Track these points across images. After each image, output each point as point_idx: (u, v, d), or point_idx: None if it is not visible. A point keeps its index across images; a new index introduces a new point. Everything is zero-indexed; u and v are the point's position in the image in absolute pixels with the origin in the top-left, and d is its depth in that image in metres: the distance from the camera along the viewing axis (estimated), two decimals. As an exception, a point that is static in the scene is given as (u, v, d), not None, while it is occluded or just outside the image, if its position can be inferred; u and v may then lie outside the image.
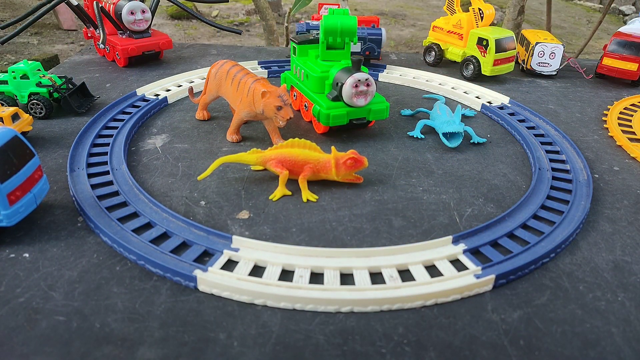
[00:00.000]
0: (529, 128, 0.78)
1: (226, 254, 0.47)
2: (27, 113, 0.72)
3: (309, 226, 0.53)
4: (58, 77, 0.78)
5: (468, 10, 1.01)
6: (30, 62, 0.76)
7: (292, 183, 0.59)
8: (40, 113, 0.75)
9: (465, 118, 0.83)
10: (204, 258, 0.48)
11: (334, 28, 0.70)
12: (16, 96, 0.75)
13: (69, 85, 0.79)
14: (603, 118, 0.84)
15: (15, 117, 0.65)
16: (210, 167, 0.58)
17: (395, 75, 1.00)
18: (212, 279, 0.43)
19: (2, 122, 0.63)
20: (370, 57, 1.01)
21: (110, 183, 0.58)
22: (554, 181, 0.62)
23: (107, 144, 0.67)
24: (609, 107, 0.88)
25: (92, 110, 0.78)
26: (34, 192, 0.50)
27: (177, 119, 0.78)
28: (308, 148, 0.59)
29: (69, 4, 0.95)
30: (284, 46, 1.73)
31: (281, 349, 0.38)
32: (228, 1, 1.18)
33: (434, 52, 1.08)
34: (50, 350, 0.37)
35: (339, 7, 0.74)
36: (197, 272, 0.44)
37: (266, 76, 0.99)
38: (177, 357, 0.37)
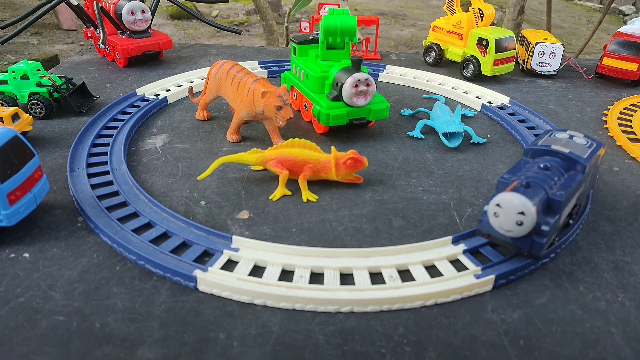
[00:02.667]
0: (529, 128, 0.78)
1: (226, 254, 0.47)
2: (27, 113, 0.72)
3: (309, 226, 0.53)
4: (58, 77, 0.78)
5: (468, 10, 1.01)
6: (30, 62, 0.76)
7: (292, 183, 0.59)
8: (40, 113, 0.75)
9: (465, 118, 0.83)
10: (204, 258, 0.48)
11: (334, 28, 0.70)
12: (16, 96, 0.75)
13: (69, 85, 0.79)
14: (603, 118, 0.84)
15: (15, 117, 0.65)
16: (210, 167, 0.58)
17: (395, 75, 1.00)
18: (212, 279, 0.43)
19: (2, 122, 0.63)
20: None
21: (110, 183, 0.58)
22: (554, 181, 0.62)
23: (107, 144, 0.67)
24: (609, 107, 0.88)
25: (92, 110, 0.78)
26: (34, 192, 0.50)
27: (177, 119, 0.78)
28: (308, 148, 0.59)
29: (69, 4, 0.95)
30: (284, 46, 1.73)
31: (281, 349, 0.38)
32: (228, 1, 1.18)
33: (434, 52, 1.08)
34: (50, 350, 0.37)
35: (338, 7, 0.74)
36: (197, 272, 0.44)
37: (266, 76, 0.99)
38: (177, 357, 0.37)
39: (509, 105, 0.87)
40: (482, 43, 0.97)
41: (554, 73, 1.04)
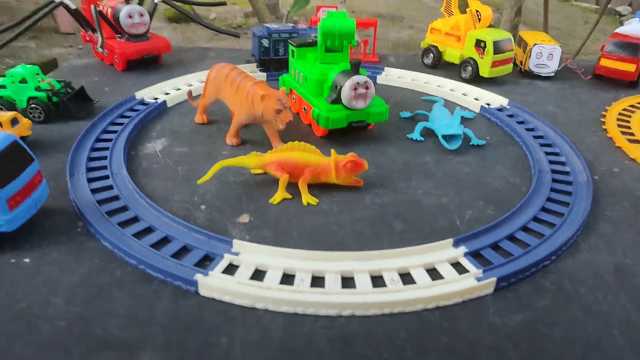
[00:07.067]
0: (528, 130, 0.78)
1: (227, 258, 0.47)
2: (26, 117, 0.71)
3: (310, 229, 0.53)
4: (57, 81, 0.78)
5: (466, 12, 1.01)
6: (28, 66, 0.76)
7: (292, 186, 0.59)
8: (39, 117, 0.75)
9: (464, 120, 0.83)
10: (205, 262, 0.48)
11: (333, 31, 0.70)
12: (15, 101, 0.75)
13: (68, 89, 0.78)
14: (601, 119, 0.85)
15: (14, 121, 0.65)
16: (210, 171, 0.58)
17: (393, 77, 1.00)
18: (213, 283, 0.43)
19: (1, 126, 0.63)
20: None
21: (110, 187, 0.58)
22: (554, 183, 0.62)
23: (107, 148, 0.67)
24: (607, 108, 0.88)
25: (91, 115, 0.78)
26: (33, 197, 0.50)
27: (177, 122, 0.78)
28: (308, 151, 0.59)
29: (67, 8, 0.94)
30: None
31: (283, 353, 0.38)
32: (226, 4, 1.18)
33: (432, 54, 1.08)
34: (52, 356, 0.37)
35: (337, 9, 0.73)
36: (198, 277, 0.44)
37: (265, 79, 0.99)
38: (179, 362, 0.37)
39: (508, 107, 0.87)
40: (479, 45, 0.97)
41: (552, 74, 1.04)
